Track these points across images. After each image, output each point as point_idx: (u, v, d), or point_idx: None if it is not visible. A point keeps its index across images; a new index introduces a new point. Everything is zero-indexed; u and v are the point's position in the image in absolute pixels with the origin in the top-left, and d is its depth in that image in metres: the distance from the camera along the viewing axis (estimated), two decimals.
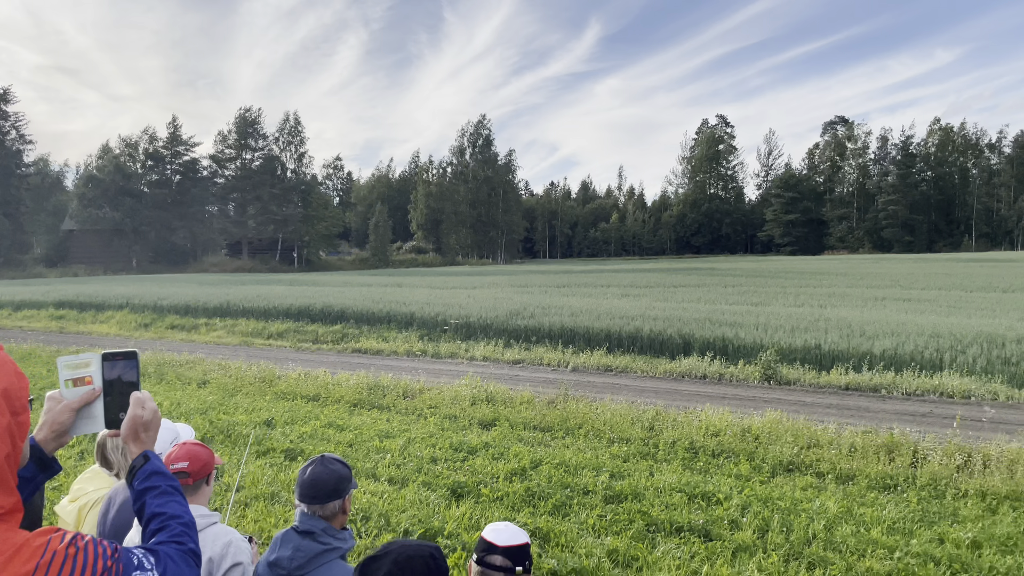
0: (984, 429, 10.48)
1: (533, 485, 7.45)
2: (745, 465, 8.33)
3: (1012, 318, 21.90)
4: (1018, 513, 6.82)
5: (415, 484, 7.58)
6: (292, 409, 11.55)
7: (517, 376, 16.00)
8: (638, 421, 10.32)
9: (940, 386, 13.88)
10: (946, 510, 6.91)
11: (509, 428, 10.23)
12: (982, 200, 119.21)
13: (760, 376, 15.36)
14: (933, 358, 15.59)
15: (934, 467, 8.04)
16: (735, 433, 9.50)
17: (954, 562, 5.65)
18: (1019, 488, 7.38)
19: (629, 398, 12.60)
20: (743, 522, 6.45)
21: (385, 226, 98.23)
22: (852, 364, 15.84)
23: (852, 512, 6.74)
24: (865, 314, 22.78)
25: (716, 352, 17.67)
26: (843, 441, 9.04)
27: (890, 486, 7.70)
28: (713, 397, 13.45)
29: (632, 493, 7.22)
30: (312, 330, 23.91)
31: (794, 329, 18.83)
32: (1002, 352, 15.55)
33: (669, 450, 9.03)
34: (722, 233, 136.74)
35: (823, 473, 8.14)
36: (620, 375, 16.51)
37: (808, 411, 11.89)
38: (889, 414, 11.96)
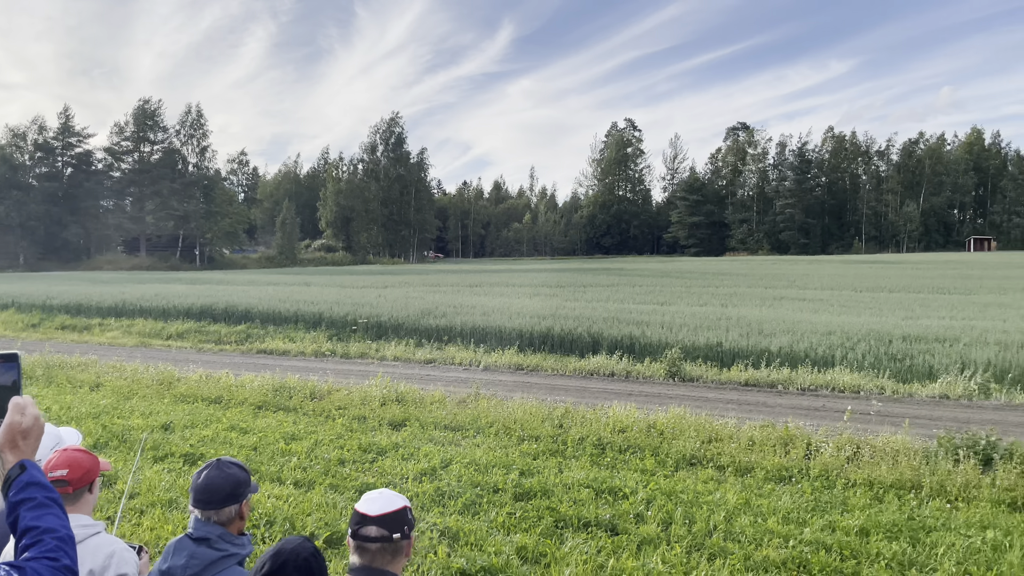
0: (871, 422, 11.10)
1: (443, 485, 7.43)
2: (650, 460, 8.55)
3: (898, 316, 23.29)
4: (902, 501, 7.25)
5: (322, 487, 7.43)
6: (193, 412, 11.13)
7: (428, 376, 15.91)
8: (548, 419, 10.43)
9: (832, 381, 14.62)
10: (837, 499, 7.28)
11: (420, 428, 10.17)
12: (871, 205, 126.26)
13: (665, 373, 15.79)
14: (826, 355, 16.40)
15: (826, 459, 8.46)
16: (641, 429, 9.74)
17: (844, 549, 5.95)
18: (903, 477, 7.84)
19: (540, 396, 12.72)
20: (648, 515, 6.62)
21: (293, 223, 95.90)
22: (752, 361, 16.47)
23: (750, 503, 7.01)
24: (764, 313, 23.76)
25: (624, 350, 18.05)
26: (743, 435, 9.40)
27: (786, 477, 8.06)
28: (621, 394, 13.74)
29: (541, 490, 7.30)
30: (215, 330, 23.10)
31: (697, 328, 19.44)
32: (888, 348, 16.51)
33: (578, 447, 9.18)
34: (630, 234, 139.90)
35: (724, 466, 8.43)
36: (531, 373, 16.66)
37: (710, 406, 12.30)
38: (785, 408, 12.52)
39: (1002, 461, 7.98)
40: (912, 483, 7.70)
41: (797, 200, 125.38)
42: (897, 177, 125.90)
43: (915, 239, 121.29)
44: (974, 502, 7.19)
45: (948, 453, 8.31)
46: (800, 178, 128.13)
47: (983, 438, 8.34)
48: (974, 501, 7.22)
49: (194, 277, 53.73)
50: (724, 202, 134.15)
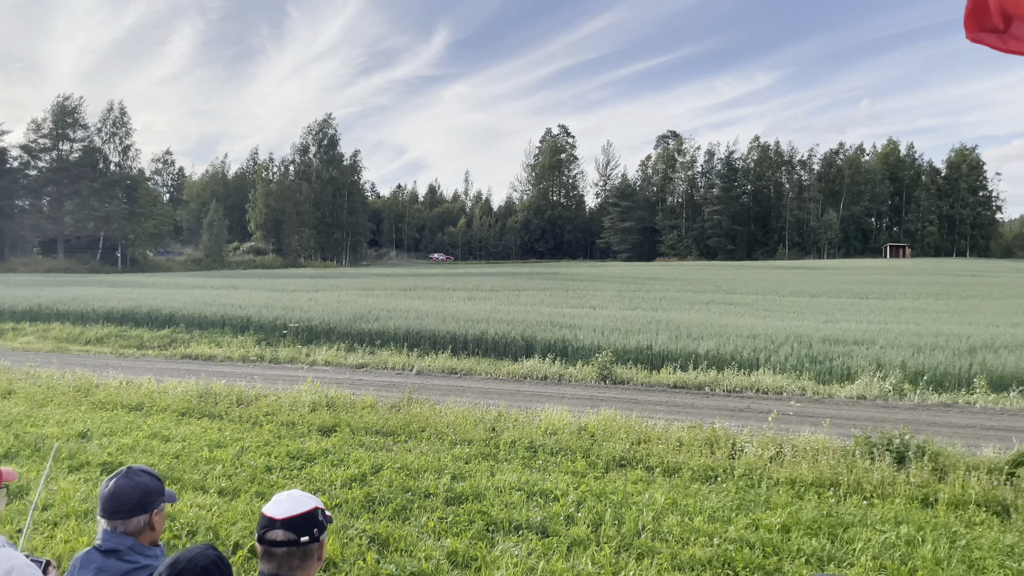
0: (793, 422, 11.47)
1: (373, 490, 7.34)
2: (581, 462, 8.62)
3: (818, 320, 24.14)
4: (822, 499, 7.50)
5: (248, 495, 7.24)
6: (112, 420, 10.70)
7: (360, 380, 15.71)
8: (481, 422, 10.42)
9: (757, 383, 15.05)
10: (760, 498, 7.48)
11: (350, 433, 10.02)
12: (794, 213, 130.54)
13: (597, 376, 15.98)
14: (751, 357, 16.87)
15: (750, 458, 8.69)
16: (572, 431, 9.82)
17: (767, 546, 6.12)
18: (823, 475, 8.12)
19: (473, 400, 12.71)
20: (578, 517, 6.67)
21: (220, 225, 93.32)
22: (680, 363, 16.82)
23: (677, 503, 7.15)
24: (692, 317, 24.28)
25: (557, 353, 18.21)
26: (671, 436, 9.58)
27: (712, 477, 8.24)
28: (553, 397, 13.84)
29: (473, 494, 7.28)
30: (137, 335, 22.31)
31: (628, 331, 19.75)
32: (809, 351, 17.09)
33: (510, 450, 9.19)
34: (564, 239, 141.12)
35: (652, 467, 8.57)
36: (465, 377, 16.62)
37: (640, 408, 12.50)
38: (712, 410, 12.82)
39: (915, 459, 8.34)
40: (831, 481, 7.97)
41: (724, 207, 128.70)
42: (818, 186, 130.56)
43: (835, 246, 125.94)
44: (889, 498, 7.49)
45: (865, 452, 8.64)
46: (727, 186, 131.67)
47: (897, 437, 8.70)
48: (889, 497, 7.52)
49: (115, 280, 51.73)
50: (655, 208, 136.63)
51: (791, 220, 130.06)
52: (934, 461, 8.32)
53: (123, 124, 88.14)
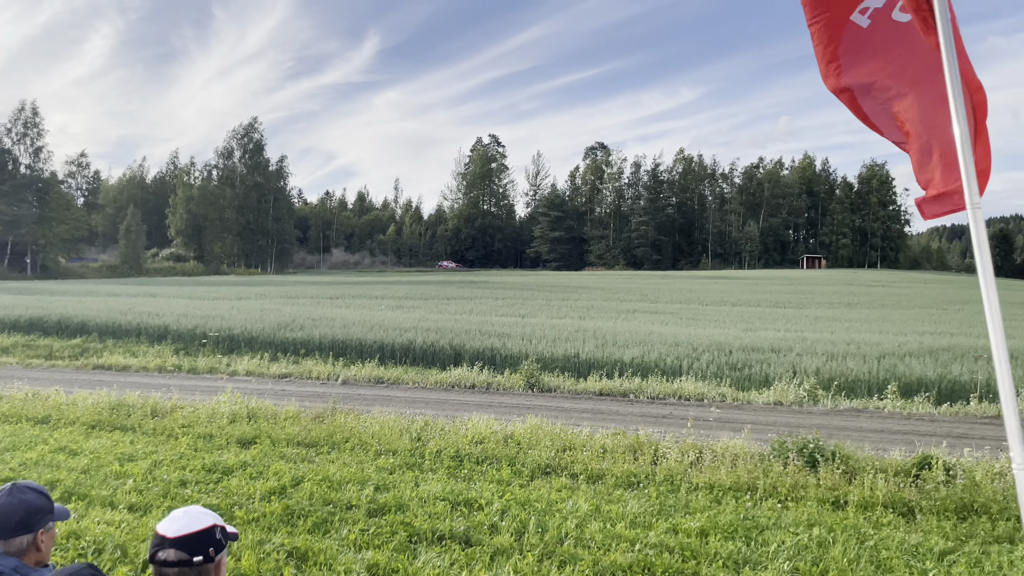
0: (713, 428, 11.75)
1: (293, 503, 7.17)
2: (506, 470, 8.63)
3: (739, 328, 24.84)
4: (739, 503, 7.69)
5: (160, 510, 6.97)
6: (15, 433, 10.15)
7: (283, 391, 15.35)
8: (407, 432, 10.32)
9: (679, 390, 15.37)
10: (680, 503, 7.63)
11: (271, 445, 9.77)
12: (716, 224, 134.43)
13: (524, 384, 16.04)
14: (674, 364, 17.23)
15: (671, 464, 8.86)
16: (499, 440, 9.82)
17: (685, 550, 6.24)
18: (740, 480, 8.33)
19: (399, 409, 12.57)
20: (502, 526, 6.67)
21: (139, 231, 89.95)
22: (606, 371, 17.05)
23: (600, 510, 7.22)
24: (618, 325, 24.66)
25: (485, 362, 18.21)
26: (595, 443, 9.68)
27: (634, 483, 8.36)
28: (481, 405, 13.82)
29: (396, 505, 7.19)
30: (45, 344, 21.27)
31: (556, 339, 19.91)
32: (729, 358, 17.57)
33: (435, 459, 9.13)
34: (495, 248, 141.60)
35: (577, 474, 8.64)
36: (392, 387, 16.45)
37: (566, 416, 12.60)
38: (636, 416, 13.02)
39: (826, 462, 8.64)
40: (748, 485, 8.19)
41: (651, 218, 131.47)
42: (739, 198, 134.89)
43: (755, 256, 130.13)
44: (802, 501, 7.73)
45: (780, 456, 8.91)
46: (653, 197, 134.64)
47: (810, 441, 9.01)
48: (802, 500, 7.77)
49: (24, 287, 49.25)
50: (584, 218, 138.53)
51: (714, 231, 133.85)
52: (845, 464, 8.64)
53: (35, 124, 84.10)
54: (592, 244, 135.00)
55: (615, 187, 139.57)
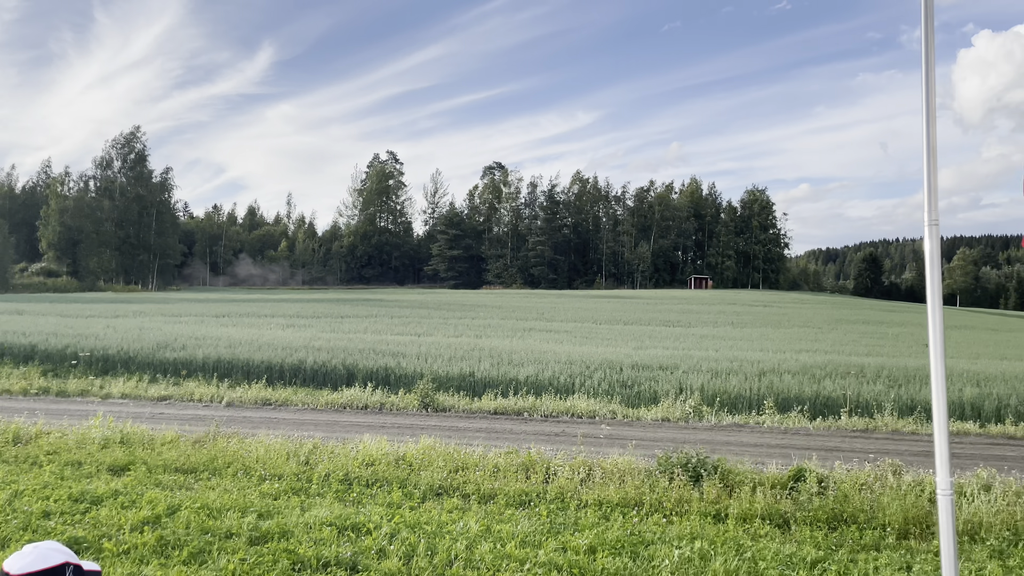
0: (603, 444, 11.97)
1: (168, 533, 6.78)
2: (397, 493, 8.48)
3: (630, 347, 25.49)
4: (626, 518, 7.84)
5: (18, 545, 6.44)
6: None
7: (162, 414, 14.60)
8: (294, 456, 9.99)
9: (572, 407, 15.60)
10: (570, 520, 7.71)
11: (146, 472, 9.24)
12: (610, 245, 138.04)
13: (419, 404, 15.88)
14: (567, 382, 17.49)
15: (562, 482, 8.95)
16: (390, 462, 9.65)
17: (574, 567, 6.29)
18: (628, 496, 8.51)
19: (287, 432, 12.16)
20: (391, 550, 6.53)
21: (6, 244, 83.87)
22: (501, 390, 17.11)
23: (491, 530, 7.19)
24: (514, 344, 24.84)
25: (379, 382, 17.92)
26: (488, 463, 9.66)
27: (525, 502, 8.39)
28: (374, 426, 13.58)
29: (280, 532, 6.92)
30: None
31: (452, 358, 19.84)
32: (620, 376, 17.99)
33: (323, 483, 8.87)
34: (392, 265, 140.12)
35: (469, 494, 8.59)
36: (280, 408, 15.93)
37: (460, 435, 12.54)
38: (529, 435, 13.11)
39: (709, 477, 8.95)
40: (636, 500, 8.37)
41: (547, 238, 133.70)
42: (632, 220, 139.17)
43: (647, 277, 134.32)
44: (686, 515, 7.97)
45: (665, 471, 9.16)
46: (550, 218, 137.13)
47: (694, 456, 9.31)
48: (686, 514, 8.00)
49: None
50: (482, 237, 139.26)
51: (608, 252, 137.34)
52: (725, 479, 8.97)
53: None
54: (490, 263, 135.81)
55: (513, 207, 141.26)
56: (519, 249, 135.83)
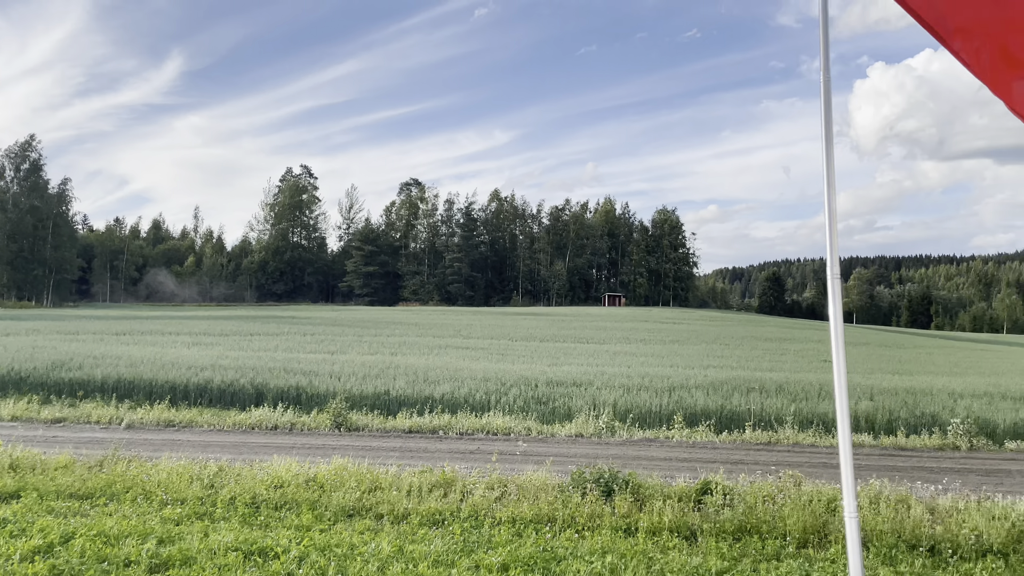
0: (518, 461, 12.03)
1: (61, 563, 6.43)
2: (308, 515, 8.30)
3: (545, 363, 25.75)
4: (539, 535, 7.91)
5: None
6: None
7: (56, 437, 13.84)
8: (197, 479, 9.63)
9: (487, 425, 15.62)
10: (483, 539, 7.71)
11: (38, 499, 8.73)
12: (527, 262, 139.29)
13: (331, 424, 15.58)
14: (483, 400, 17.51)
15: (477, 500, 8.95)
16: (300, 483, 9.43)
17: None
18: (542, 512, 8.58)
19: (191, 454, 11.71)
20: (299, 574, 6.39)
21: None
22: (417, 408, 16.98)
23: (404, 550, 7.13)
24: (430, 361, 24.70)
25: (290, 401, 17.51)
26: (402, 482, 9.57)
27: (440, 521, 8.35)
28: (283, 447, 13.25)
29: (182, 559, 6.66)
30: None
31: (366, 376, 19.58)
32: (535, 392, 18.14)
33: (229, 507, 8.59)
34: (304, 282, 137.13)
35: (382, 515, 8.49)
36: (184, 430, 15.34)
37: (374, 455, 12.38)
38: (445, 453, 13.06)
39: (620, 491, 9.13)
40: (549, 517, 8.45)
41: (464, 255, 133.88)
42: (547, 238, 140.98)
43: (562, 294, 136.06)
44: (598, 530, 8.10)
45: (578, 487, 9.29)
46: (467, 235, 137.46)
47: (606, 471, 9.48)
48: (598, 529, 8.13)
49: None
50: (398, 254, 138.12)
51: (524, 269, 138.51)
52: (636, 493, 9.17)
53: None
54: (406, 279, 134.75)
55: (430, 223, 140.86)
56: (436, 266, 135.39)
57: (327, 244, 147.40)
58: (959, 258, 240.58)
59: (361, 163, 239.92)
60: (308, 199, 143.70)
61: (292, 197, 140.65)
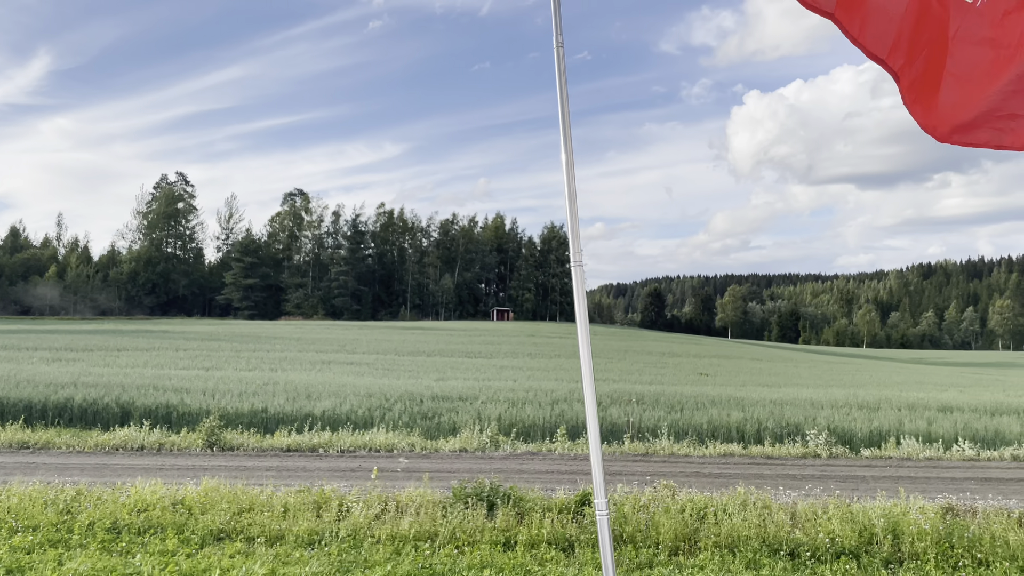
0: (400, 478, 11.90)
1: None
2: (173, 539, 7.88)
3: (432, 378, 25.61)
4: (419, 552, 7.83)
5: None
6: None
7: None
8: (52, 504, 8.96)
9: (370, 441, 15.36)
10: (360, 558, 7.56)
11: None
12: (415, 276, 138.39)
13: (204, 443, 14.90)
14: (366, 416, 17.22)
15: (356, 518, 8.76)
16: (166, 506, 8.94)
17: None
18: (423, 528, 8.49)
19: (47, 478, 10.91)
20: None
21: None
22: (297, 426, 16.49)
23: (277, 573, 6.90)
24: (312, 377, 24.08)
25: (159, 420, 16.65)
26: (277, 502, 9.25)
27: (316, 541, 8.12)
28: (150, 469, 12.54)
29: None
30: None
31: (243, 393, 18.88)
32: (421, 408, 18.01)
33: (87, 533, 8.04)
34: (179, 294, 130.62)
35: (254, 537, 8.17)
36: (40, 452, 14.27)
37: (248, 475, 11.92)
38: (324, 471, 12.73)
39: (502, 505, 9.18)
40: (430, 533, 8.38)
41: (351, 268, 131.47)
42: (436, 252, 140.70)
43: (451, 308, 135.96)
44: (478, 544, 8.10)
45: (461, 502, 9.27)
46: (354, 247, 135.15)
47: (488, 486, 9.51)
48: (478, 544, 8.14)
49: None
50: (281, 266, 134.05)
51: (413, 283, 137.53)
52: (517, 506, 9.24)
53: None
54: (289, 292, 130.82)
55: (315, 235, 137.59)
56: (321, 279, 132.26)
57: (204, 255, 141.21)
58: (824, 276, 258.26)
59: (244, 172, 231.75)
60: (184, 208, 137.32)
61: (167, 205, 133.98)
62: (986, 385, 36.23)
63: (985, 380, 41.92)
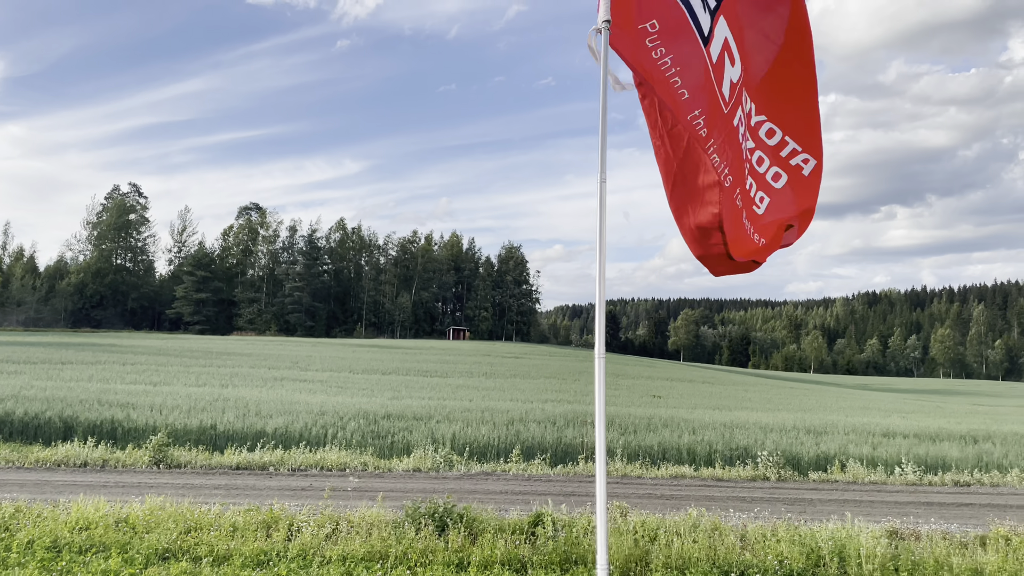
0: (352, 497, 11.76)
1: None
2: (116, 559, 7.67)
3: (386, 397, 25.41)
4: (370, 572, 7.75)
5: None
6: None
7: None
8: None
9: (322, 460, 15.15)
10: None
11: None
12: (371, 294, 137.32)
13: (150, 460, 14.54)
14: (319, 434, 17.00)
15: (306, 538, 8.63)
16: (109, 524, 8.71)
17: None
18: (374, 549, 8.40)
19: None
20: None
21: None
22: (248, 444, 16.19)
23: None
24: (263, 394, 23.70)
25: (103, 436, 16.21)
26: (225, 521, 9.07)
27: (264, 562, 7.98)
28: (93, 486, 12.18)
29: None
30: None
31: (191, 409, 18.50)
32: (374, 426, 17.85)
33: (25, 552, 7.78)
34: (128, 307, 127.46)
35: (200, 557, 7.99)
36: None
37: (195, 493, 11.67)
38: (274, 490, 12.52)
39: (455, 525, 9.14)
40: (382, 554, 8.30)
41: (306, 284, 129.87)
42: (394, 270, 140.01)
43: (407, 327, 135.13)
44: (430, 566, 8.05)
45: (413, 522, 9.21)
46: (309, 263, 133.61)
47: (441, 506, 9.46)
48: (430, 565, 8.08)
49: None
50: (234, 280, 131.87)
51: (369, 301, 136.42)
52: (471, 527, 9.21)
53: None
54: (242, 307, 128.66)
55: (270, 250, 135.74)
56: (275, 294, 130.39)
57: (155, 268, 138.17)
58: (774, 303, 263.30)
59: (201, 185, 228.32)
60: (136, 219, 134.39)
61: (118, 217, 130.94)
62: (927, 412, 37.29)
63: (927, 407, 43.14)
